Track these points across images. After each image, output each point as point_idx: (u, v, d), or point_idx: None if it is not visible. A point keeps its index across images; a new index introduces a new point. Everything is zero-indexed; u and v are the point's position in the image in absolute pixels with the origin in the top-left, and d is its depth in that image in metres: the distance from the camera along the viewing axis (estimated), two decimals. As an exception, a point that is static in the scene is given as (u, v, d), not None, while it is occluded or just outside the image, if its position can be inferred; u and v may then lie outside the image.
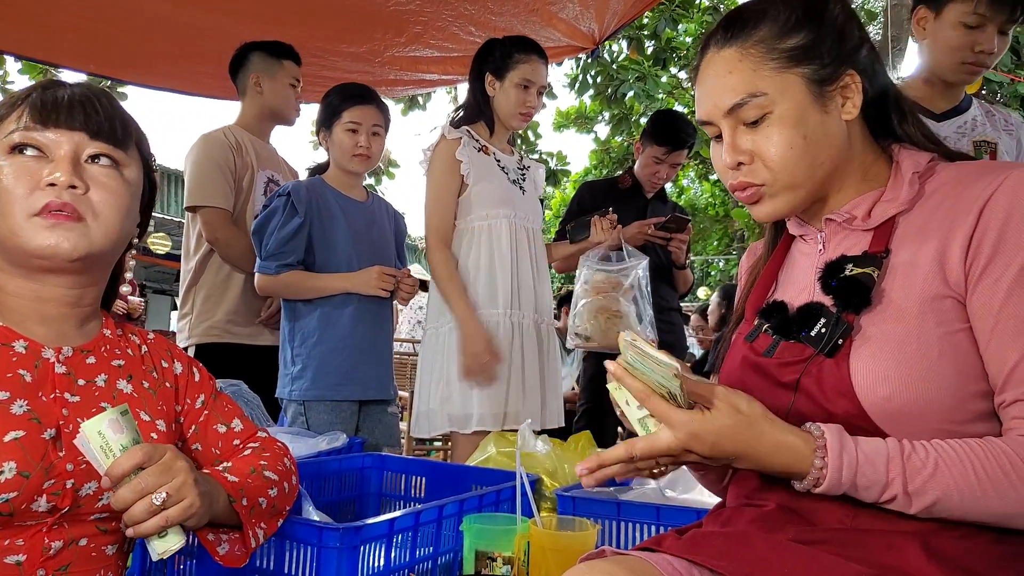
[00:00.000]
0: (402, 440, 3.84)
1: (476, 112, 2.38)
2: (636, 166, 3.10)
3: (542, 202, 2.50)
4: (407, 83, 3.95)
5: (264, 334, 2.59)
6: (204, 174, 2.51)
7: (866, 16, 9.00)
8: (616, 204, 2.65)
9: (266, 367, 2.41)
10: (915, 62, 2.12)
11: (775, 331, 0.97)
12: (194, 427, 1.16)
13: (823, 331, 0.90)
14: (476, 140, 2.33)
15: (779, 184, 0.94)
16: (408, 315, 5.94)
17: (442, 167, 2.28)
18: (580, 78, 8.57)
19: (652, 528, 1.37)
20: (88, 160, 1.00)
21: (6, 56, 5.52)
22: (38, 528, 0.94)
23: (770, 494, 0.94)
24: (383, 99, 2.41)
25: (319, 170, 2.45)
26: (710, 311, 5.05)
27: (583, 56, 5.99)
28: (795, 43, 0.92)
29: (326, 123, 2.32)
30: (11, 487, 0.89)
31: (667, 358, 0.85)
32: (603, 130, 12.83)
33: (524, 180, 2.40)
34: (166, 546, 0.92)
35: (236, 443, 1.19)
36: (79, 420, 0.95)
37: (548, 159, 10.38)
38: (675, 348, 3.02)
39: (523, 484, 1.33)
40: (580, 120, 13.18)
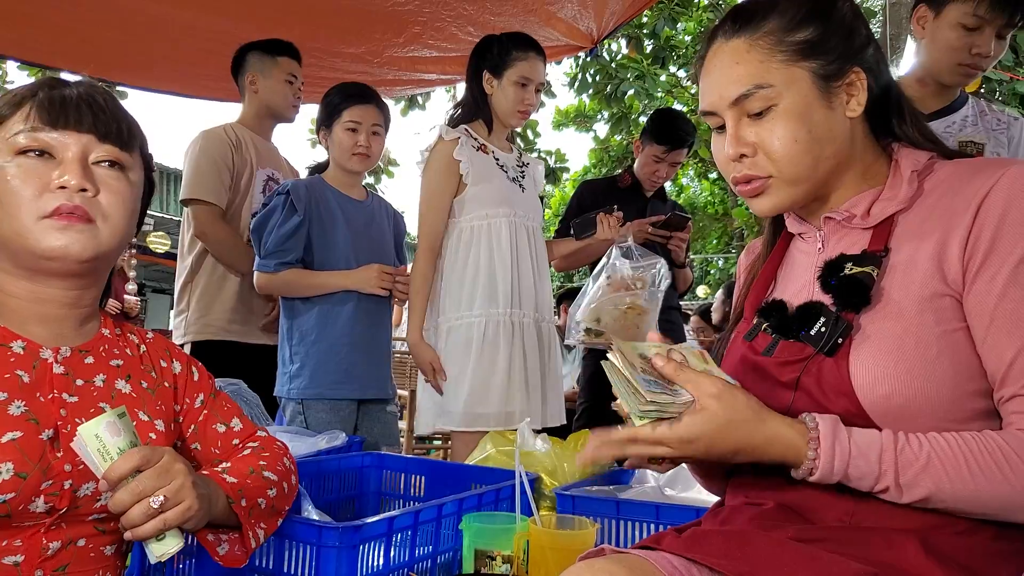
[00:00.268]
0: (401, 439, 3.84)
1: (474, 110, 2.37)
2: (636, 165, 3.10)
3: (542, 200, 2.50)
4: (406, 83, 3.96)
5: (259, 331, 2.59)
6: (199, 169, 2.52)
7: (864, 15, 9.00)
8: (616, 203, 2.65)
9: (264, 365, 2.41)
10: (912, 61, 2.11)
11: (774, 330, 0.97)
12: (193, 427, 1.16)
13: (823, 330, 0.90)
14: (474, 139, 2.32)
15: (783, 178, 0.94)
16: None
17: (438, 169, 2.28)
18: (579, 77, 8.58)
19: (651, 527, 1.37)
20: (94, 162, 1.01)
21: (6, 59, 5.51)
22: (36, 529, 0.94)
23: (769, 493, 0.94)
24: (383, 99, 2.42)
25: (318, 169, 2.45)
26: (714, 308, 5.03)
27: (582, 55, 5.99)
28: (804, 37, 0.92)
29: (326, 122, 2.32)
30: (8, 488, 0.89)
31: (640, 379, 0.85)
32: (602, 129, 12.85)
33: (524, 178, 2.40)
34: (164, 549, 0.91)
35: (235, 442, 1.19)
36: (77, 420, 0.95)
37: (547, 157, 10.39)
38: (674, 347, 3.02)
39: (522, 483, 1.33)
40: (579, 119, 13.19)
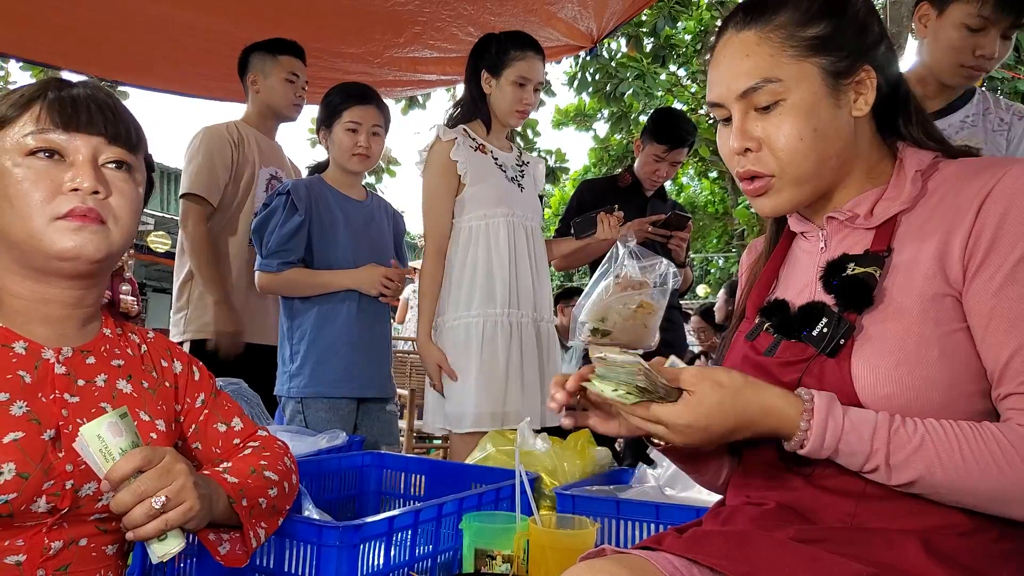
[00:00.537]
0: (401, 438, 3.84)
1: (472, 110, 2.37)
2: (636, 164, 3.09)
3: (541, 199, 2.50)
4: (406, 83, 3.95)
5: (260, 330, 2.59)
6: (195, 165, 2.54)
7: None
8: (616, 202, 2.64)
9: (264, 364, 2.41)
10: (913, 60, 2.08)
11: (776, 330, 0.97)
12: (194, 426, 1.17)
13: (825, 331, 0.90)
14: (472, 139, 2.32)
15: (786, 177, 0.93)
16: (414, 314, 5.95)
17: (437, 170, 2.28)
18: (579, 76, 8.58)
19: (652, 526, 1.37)
20: (102, 164, 1.02)
21: (8, 58, 5.51)
22: (38, 528, 0.94)
23: (770, 492, 0.94)
24: (383, 99, 2.42)
25: (318, 169, 2.45)
26: (717, 307, 5.01)
27: (582, 54, 5.99)
28: (816, 32, 0.92)
29: (326, 122, 2.32)
30: (10, 488, 0.89)
31: (629, 357, 0.85)
32: (602, 128, 12.85)
33: (523, 177, 2.39)
34: (166, 549, 0.92)
35: (236, 442, 1.19)
36: (79, 421, 0.95)
37: (547, 157, 10.38)
38: (675, 346, 3.03)
39: (522, 482, 1.33)
40: (579, 118, 13.18)
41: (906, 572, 0.81)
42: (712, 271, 17.08)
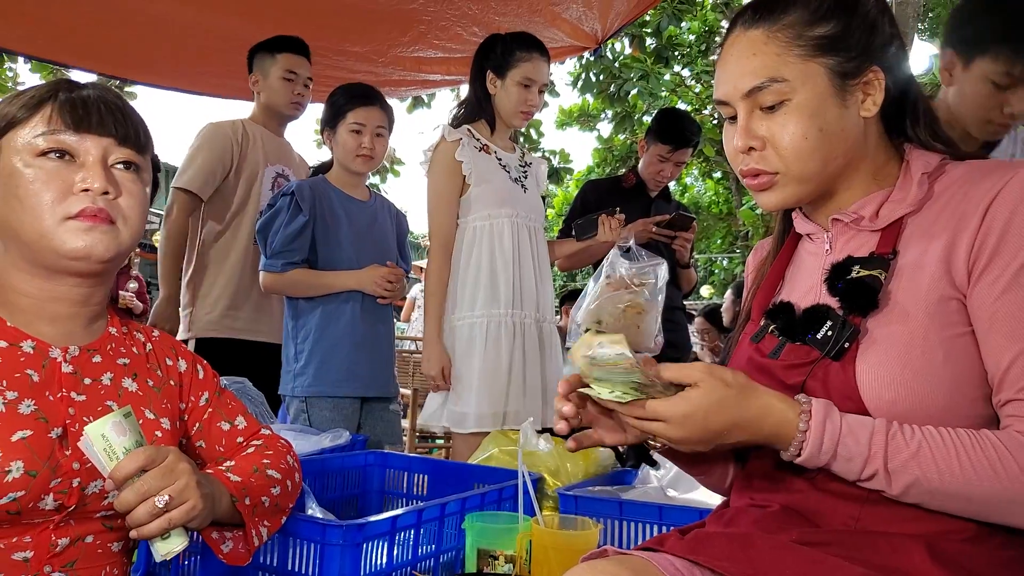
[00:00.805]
0: (404, 438, 3.85)
1: (477, 110, 2.37)
2: (640, 164, 3.09)
3: (544, 199, 2.50)
4: (411, 83, 3.95)
5: (264, 329, 2.60)
6: (191, 158, 2.59)
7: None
8: (620, 203, 2.65)
9: (268, 363, 2.42)
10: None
11: (781, 333, 0.96)
12: (198, 424, 1.17)
13: (829, 334, 0.90)
14: (476, 139, 2.32)
15: (790, 175, 0.93)
16: (420, 313, 5.96)
17: (442, 170, 2.28)
18: (583, 76, 8.56)
19: (654, 528, 1.37)
20: (112, 164, 1.03)
21: (16, 56, 5.52)
22: (45, 526, 0.95)
23: (774, 495, 0.94)
24: (387, 99, 2.42)
25: (322, 169, 2.46)
26: (724, 308, 5.00)
27: (586, 55, 5.98)
28: (824, 32, 0.91)
29: (330, 123, 2.33)
30: (18, 486, 0.90)
31: (622, 351, 0.84)
32: (606, 128, 12.85)
33: (526, 178, 2.40)
34: (169, 547, 0.92)
35: (240, 440, 1.20)
36: (85, 419, 0.96)
37: (551, 157, 10.37)
38: (679, 347, 3.03)
39: (525, 482, 1.33)
40: (583, 118, 13.18)
41: (909, 576, 0.80)
42: (716, 272, 17.05)
